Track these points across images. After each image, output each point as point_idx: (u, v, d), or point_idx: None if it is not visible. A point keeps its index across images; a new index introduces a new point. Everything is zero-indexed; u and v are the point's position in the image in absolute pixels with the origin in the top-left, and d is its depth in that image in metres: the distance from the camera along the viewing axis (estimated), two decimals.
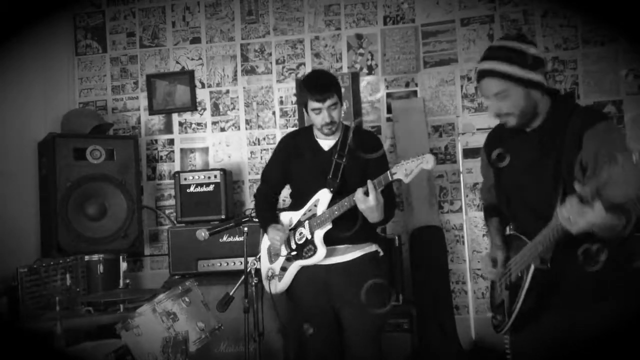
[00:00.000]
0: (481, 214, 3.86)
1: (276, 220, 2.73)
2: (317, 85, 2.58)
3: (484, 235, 3.86)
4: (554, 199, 1.73)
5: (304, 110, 2.71)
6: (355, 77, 4.07)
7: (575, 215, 1.59)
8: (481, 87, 1.94)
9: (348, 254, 2.60)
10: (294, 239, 2.64)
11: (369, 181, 2.34)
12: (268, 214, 2.77)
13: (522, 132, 1.97)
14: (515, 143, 2.00)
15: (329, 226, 2.53)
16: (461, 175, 3.84)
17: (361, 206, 2.36)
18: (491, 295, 2.20)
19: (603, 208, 1.58)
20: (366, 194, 2.33)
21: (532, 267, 1.86)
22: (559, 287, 1.87)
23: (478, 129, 3.89)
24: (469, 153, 3.88)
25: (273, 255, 2.74)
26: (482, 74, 1.92)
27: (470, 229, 3.87)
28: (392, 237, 3.62)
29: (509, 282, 2.03)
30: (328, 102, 2.55)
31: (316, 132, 2.72)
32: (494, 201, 2.18)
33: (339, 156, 2.61)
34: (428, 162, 2.23)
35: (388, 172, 2.32)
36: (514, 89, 1.86)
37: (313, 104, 2.57)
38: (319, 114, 2.58)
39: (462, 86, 3.96)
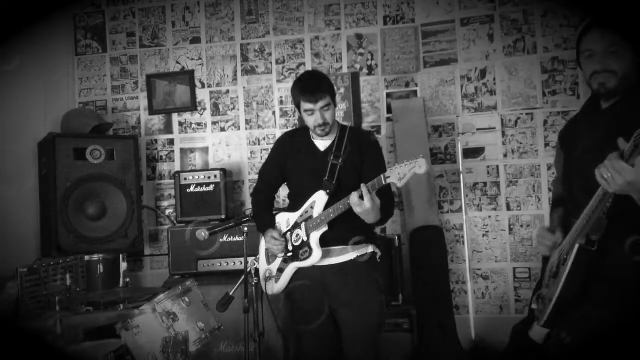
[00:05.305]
0: (481, 213, 3.88)
1: (273, 223, 2.73)
2: (309, 87, 2.56)
3: (484, 235, 3.87)
4: None
5: (298, 111, 2.70)
6: (355, 77, 4.07)
7: (613, 172, 1.52)
8: (590, 38, 1.85)
9: (344, 255, 2.58)
10: (291, 241, 2.63)
11: (362, 185, 2.33)
12: (265, 217, 2.77)
13: (596, 113, 1.89)
14: (587, 124, 1.91)
15: (324, 228, 2.52)
16: (461, 175, 3.84)
17: (357, 210, 2.34)
18: (539, 282, 2.05)
19: None
20: (361, 197, 2.31)
21: (577, 246, 1.75)
22: (602, 276, 1.74)
23: (478, 129, 3.90)
24: (469, 153, 3.88)
25: (271, 256, 2.74)
26: (594, 24, 1.84)
27: (470, 229, 3.87)
28: (392, 237, 3.62)
29: (555, 268, 1.90)
30: (320, 104, 2.54)
31: (312, 133, 2.72)
32: (561, 193, 2.06)
33: (334, 157, 2.60)
34: (421, 166, 2.21)
35: (382, 175, 2.30)
36: (626, 48, 1.80)
37: (305, 105, 2.56)
38: (312, 115, 2.56)
39: (462, 86, 3.95)
